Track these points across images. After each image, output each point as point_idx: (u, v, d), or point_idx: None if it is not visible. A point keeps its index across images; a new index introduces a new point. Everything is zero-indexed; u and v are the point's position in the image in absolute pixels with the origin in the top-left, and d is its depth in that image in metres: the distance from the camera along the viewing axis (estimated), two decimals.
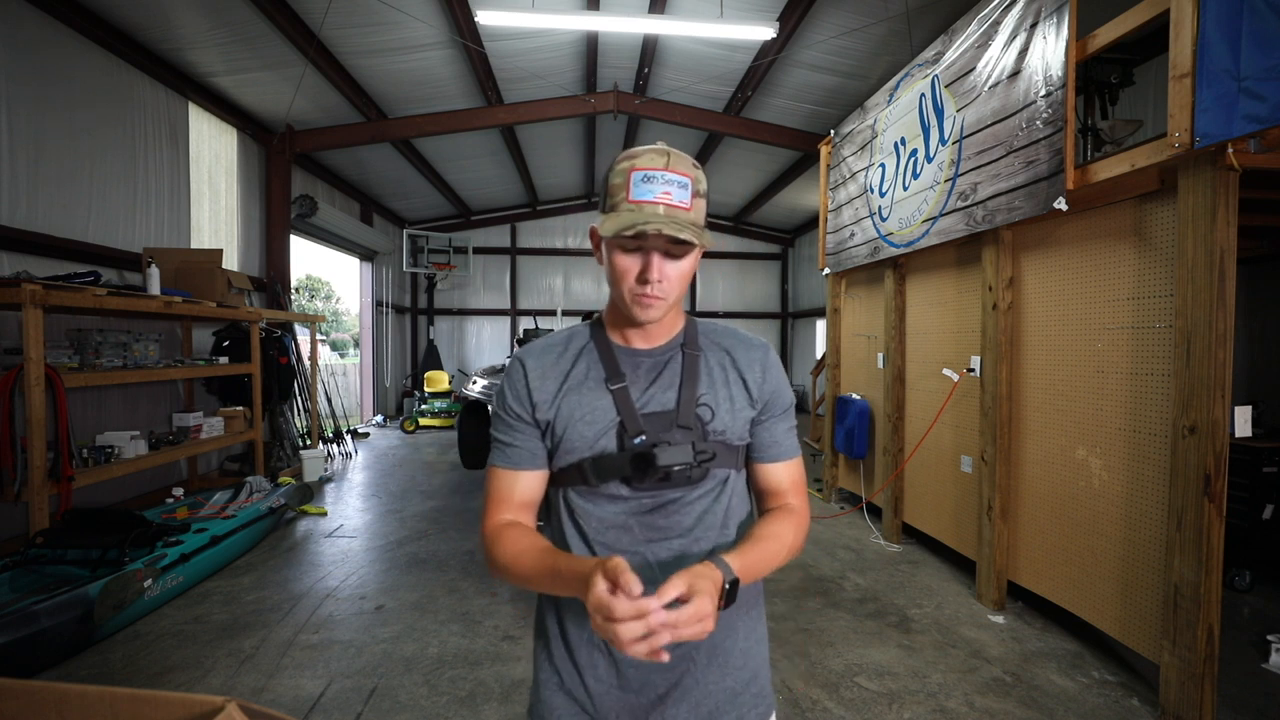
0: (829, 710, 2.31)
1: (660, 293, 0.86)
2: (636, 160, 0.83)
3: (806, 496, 1.01)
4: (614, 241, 0.85)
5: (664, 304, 0.87)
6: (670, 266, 0.86)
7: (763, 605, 1.01)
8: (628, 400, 0.89)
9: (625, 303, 0.88)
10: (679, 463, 0.83)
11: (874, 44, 5.65)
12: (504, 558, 0.86)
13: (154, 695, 0.70)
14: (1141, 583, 2.42)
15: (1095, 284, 2.69)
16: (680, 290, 0.89)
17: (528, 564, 0.84)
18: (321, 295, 28.88)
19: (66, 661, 2.59)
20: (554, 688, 0.92)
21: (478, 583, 3.48)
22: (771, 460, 0.97)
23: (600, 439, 0.89)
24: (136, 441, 3.97)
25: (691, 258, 0.88)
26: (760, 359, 0.97)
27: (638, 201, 0.81)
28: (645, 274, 0.84)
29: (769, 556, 0.87)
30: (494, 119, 7.26)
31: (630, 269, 0.85)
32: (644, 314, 0.87)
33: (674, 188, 0.82)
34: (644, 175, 0.82)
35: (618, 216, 0.82)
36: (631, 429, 0.88)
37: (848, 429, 4.75)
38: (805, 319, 12.43)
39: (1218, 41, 1.97)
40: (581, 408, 0.90)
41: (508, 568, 0.86)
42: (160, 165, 5.15)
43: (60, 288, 3.31)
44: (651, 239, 0.83)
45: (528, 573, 0.84)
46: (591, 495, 0.90)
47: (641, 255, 0.85)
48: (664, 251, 0.84)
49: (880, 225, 4.26)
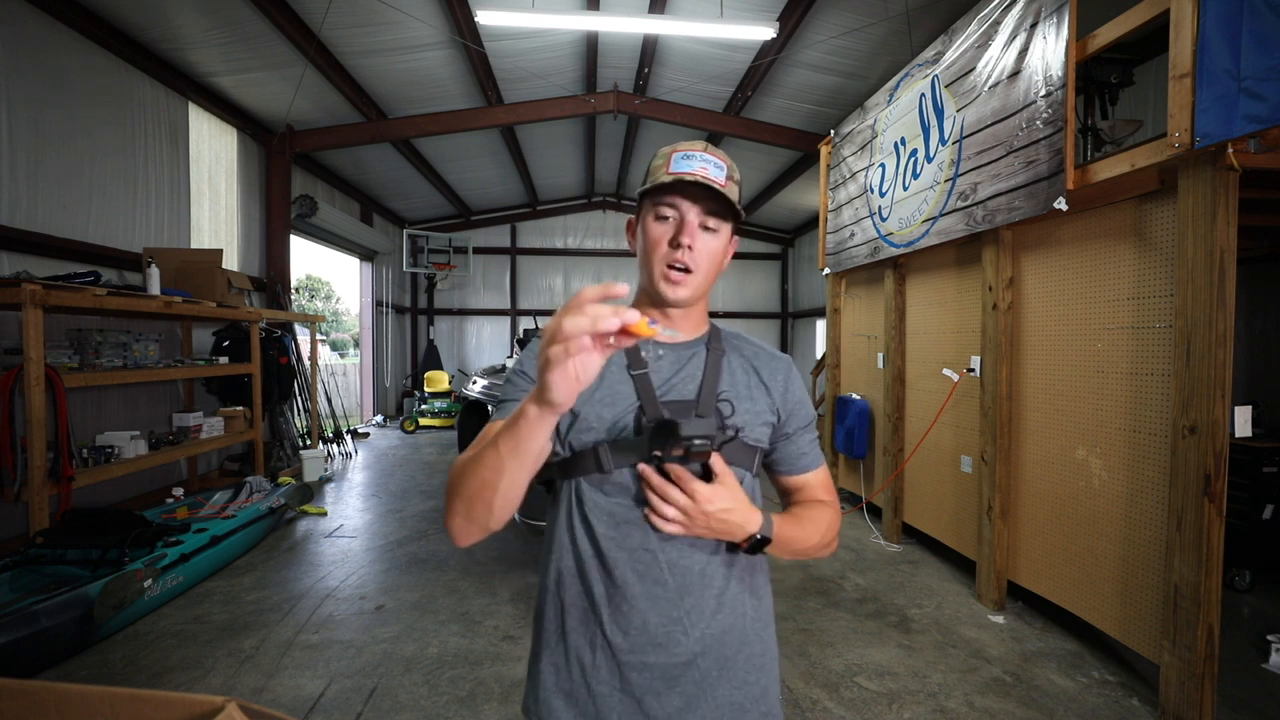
0: (829, 710, 2.31)
1: (691, 262, 0.87)
2: (677, 145, 0.90)
3: (837, 499, 1.02)
4: (650, 210, 0.89)
5: (693, 281, 0.88)
6: (703, 238, 0.88)
7: (773, 620, 1.00)
8: (648, 386, 0.90)
9: (655, 278, 0.89)
10: (701, 434, 0.80)
11: (874, 44, 5.65)
12: (454, 470, 0.78)
13: (154, 695, 0.70)
14: (1141, 583, 2.42)
15: (1095, 284, 2.69)
16: (709, 270, 0.90)
17: (476, 448, 0.76)
18: (321, 295, 28.88)
19: (66, 661, 2.59)
20: (553, 688, 0.90)
21: (478, 583, 3.48)
22: (801, 471, 0.99)
23: (619, 421, 0.88)
24: (136, 441, 3.97)
25: (724, 237, 0.90)
26: (784, 372, 0.99)
27: (677, 172, 0.86)
28: (678, 237, 0.86)
29: (804, 536, 0.89)
30: (494, 119, 7.26)
31: (663, 235, 0.88)
32: (672, 291, 0.88)
33: (711, 166, 0.87)
34: (684, 154, 0.88)
35: (656, 180, 0.87)
36: (651, 413, 0.87)
37: (848, 429, 4.75)
38: (805, 319, 12.42)
39: (1218, 41, 1.97)
40: (602, 390, 0.89)
41: (456, 474, 0.77)
42: (160, 165, 5.15)
43: (60, 288, 3.31)
44: (688, 199, 0.87)
45: (477, 455, 0.74)
46: (603, 484, 0.88)
47: (676, 221, 0.88)
48: (700, 221, 0.87)
49: (880, 225, 4.25)
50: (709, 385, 0.91)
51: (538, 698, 0.91)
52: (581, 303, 0.58)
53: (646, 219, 0.90)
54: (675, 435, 0.79)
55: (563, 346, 0.57)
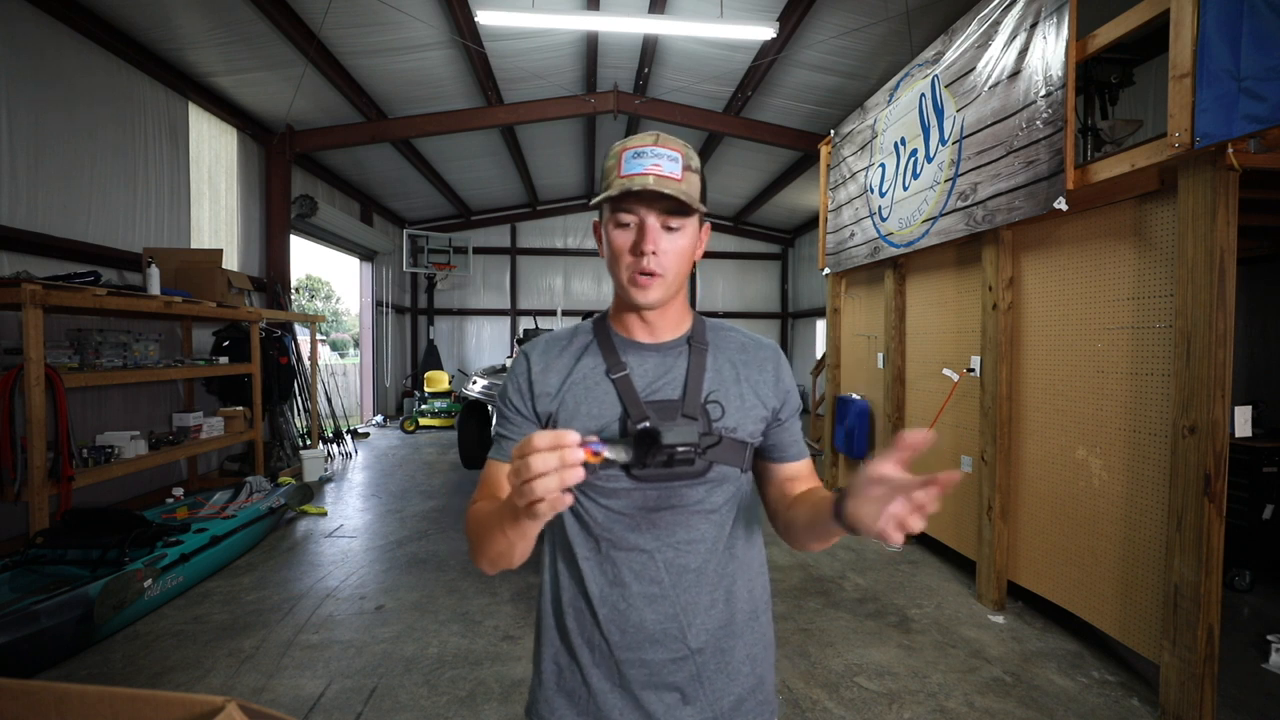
0: (829, 710, 2.31)
1: (656, 267, 0.84)
2: (628, 143, 0.85)
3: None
4: (609, 219, 0.86)
5: (662, 283, 0.86)
6: (666, 240, 0.85)
7: (770, 612, 0.99)
8: (630, 388, 0.88)
9: (623, 284, 0.87)
10: (683, 443, 0.77)
11: (874, 44, 5.65)
12: (470, 529, 0.84)
13: (154, 695, 0.70)
14: (1141, 583, 2.42)
15: (1095, 284, 2.69)
16: (679, 270, 0.87)
17: (484, 519, 0.80)
18: (321, 295, 28.88)
19: (66, 661, 2.59)
20: (554, 688, 0.91)
21: (478, 583, 3.48)
22: (794, 459, 0.97)
23: (605, 430, 0.87)
24: (136, 441, 3.97)
25: (689, 234, 0.87)
26: (772, 360, 0.96)
27: (628, 175, 0.83)
28: (640, 245, 0.84)
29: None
30: (494, 119, 7.26)
31: (625, 243, 0.85)
32: (642, 295, 0.86)
33: (663, 160, 0.83)
34: (634, 152, 0.84)
35: (609, 190, 0.83)
36: (635, 415, 0.86)
37: (848, 429, 4.75)
38: (805, 319, 12.42)
39: (1218, 41, 1.97)
40: (587, 400, 0.89)
41: (471, 535, 0.83)
42: (160, 165, 5.15)
43: (60, 288, 3.31)
44: (643, 205, 0.83)
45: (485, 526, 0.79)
46: (593, 488, 0.88)
47: (636, 228, 0.85)
48: (660, 224, 0.84)
49: (880, 225, 4.25)
50: (694, 383, 0.89)
51: (539, 696, 0.92)
52: (536, 456, 0.60)
53: (608, 226, 0.87)
54: (657, 444, 0.77)
55: (547, 504, 0.61)
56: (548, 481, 0.60)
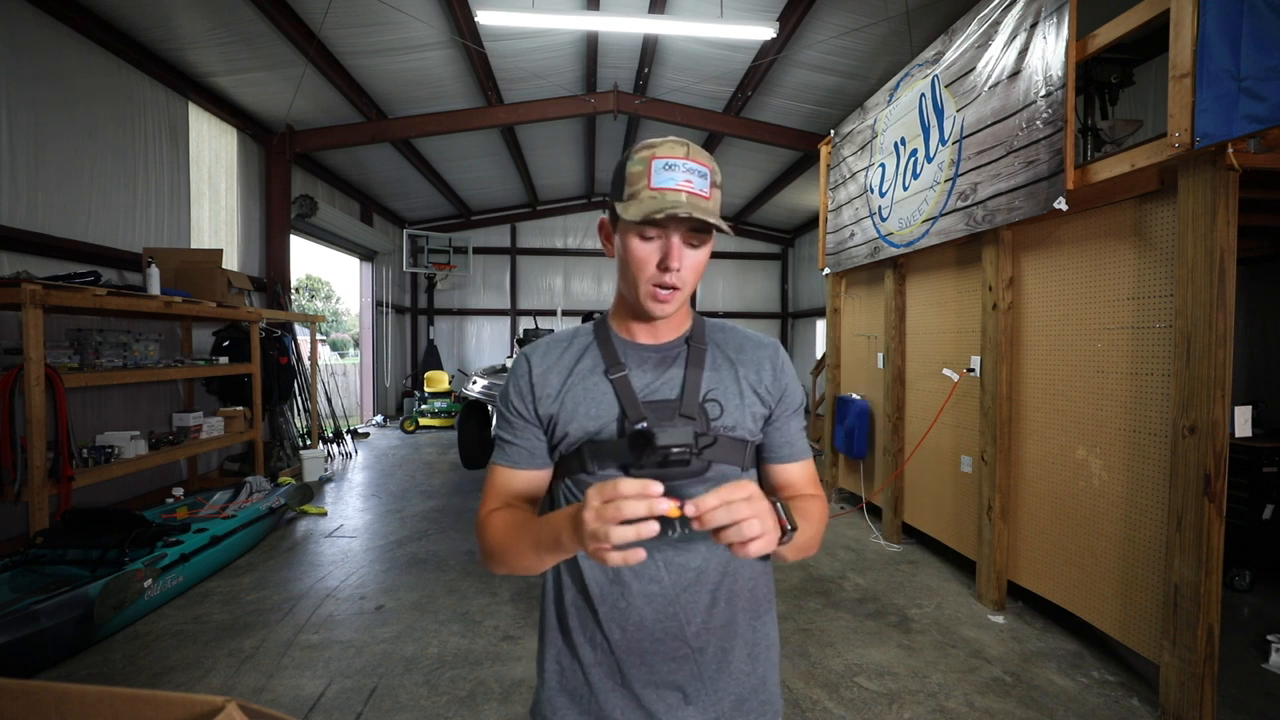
0: (829, 710, 2.31)
1: (679, 281, 0.85)
2: (657, 149, 0.82)
3: (824, 493, 1.00)
4: (633, 230, 0.83)
5: (680, 296, 0.86)
6: (689, 255, 0.85)
7: (774, 612, 0.98)
8: (628, 388, 0.88)
9: (640, 295, 0.86)
10: (678, 444, 0.76)
11: (874, 44, 5.65)
12: (491, 538, 0.86)
13: (154, 695, 0.70)
14: (1141, 583, 2.42)
15: (1095, 284, 2.69)
16: (695, 282, 0.87)
17: (513, 535, 0.82)
18: (321, 295, 28.88)
19: (66, 661, 2.59)
20: (556, 687, 0.91)
21: (478, 583, 3.48)
22: (787, 460, 0.96)
23: (603, 430, 0.88)
24: (136, 441, 3.97)
25: (707, 249, 0.87)
26: (770, 357, 0.96)
27: (660, 189, 0.80)
28: (667, 261, 0.83)
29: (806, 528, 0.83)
30: (494, 119, 7.26)
31: (649, 258, 0.84)
32: (661, 309, 0.86)
33: (695, 176, 0.81)
34: (665, 163, 0.81)
35: (640, 203, 0.81)
36: (633, 416, 0.86)
37: (848, 429, 4.75)
38: (805, 319, 12.42)
39: (1218, 41, 1.97)
40: (586, 402, 0.89)
41: (494, 547, 0.85)
42: (160, 165, 5.15)
43: (60, 288, 3.31)
44: (676, 224, 0.82)
45: (513, 542, 0.82)
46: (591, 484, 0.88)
47: (662, 243, 0.83)
48: (684, 240, 0.84)
49: (880, 225, 4.25)
50: (691, 383, 0.89)
51: (542, 696, 0.92)
52: (626, 504, 0.63)
53: (629, 236, 0.84)
54: (651, 445, 0.77)
55: (619, 555, 0.64)
56: (625, 531, 0.62)
